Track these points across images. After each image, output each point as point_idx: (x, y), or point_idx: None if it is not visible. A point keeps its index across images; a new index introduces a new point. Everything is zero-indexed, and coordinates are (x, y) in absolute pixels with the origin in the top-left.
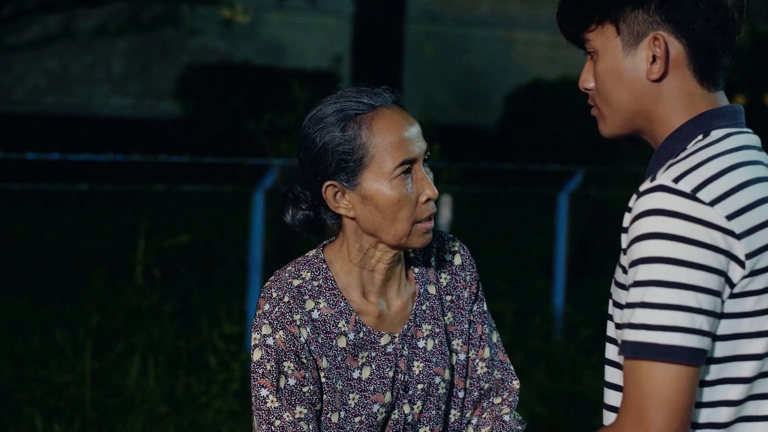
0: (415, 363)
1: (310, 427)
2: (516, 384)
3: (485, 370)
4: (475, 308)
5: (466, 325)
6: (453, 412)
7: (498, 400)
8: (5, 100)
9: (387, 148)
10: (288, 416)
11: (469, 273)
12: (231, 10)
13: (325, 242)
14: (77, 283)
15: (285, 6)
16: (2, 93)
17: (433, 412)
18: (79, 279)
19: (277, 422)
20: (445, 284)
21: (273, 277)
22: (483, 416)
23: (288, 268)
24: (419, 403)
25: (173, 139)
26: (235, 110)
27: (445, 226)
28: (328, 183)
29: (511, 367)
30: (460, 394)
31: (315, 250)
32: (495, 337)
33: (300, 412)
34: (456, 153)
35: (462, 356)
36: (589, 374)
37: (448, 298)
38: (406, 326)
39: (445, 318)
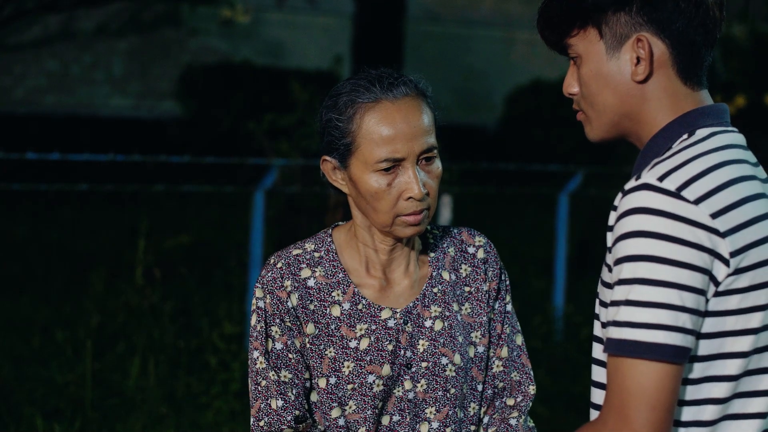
0: (420, 341)
1: (294, 392)
2: (532, 390)
3: (501, 369)
4: (496, 306)
5: (485, 318)
6: (473, 405)
7: (511, 402)
8: (5, 100)
9: (373, 140)
10: (273, 376)
11: (492, 269)
12: (231, 10)
13: (338, 223)
14: (77, 283)
15: (285, 6)
16: (2, 93)
17: (440, 393)
18: (80, 279)
19: (264, 383)
20: (464, 275)
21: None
22: (493, 416)
23: (296, 242)
24: (423, 381)
25: (173, 139)
26: (235, 110)
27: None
28: (325, 158)
29: (531, 372)
30: (479, 388)
31: (327, 228)
32: (519, 339)
33: (285, 376)
34: (456, 153)
35: (481, 349)
36: (589, 374)
37: (467, 288)
38: (411, 304)
39: (463, 308)
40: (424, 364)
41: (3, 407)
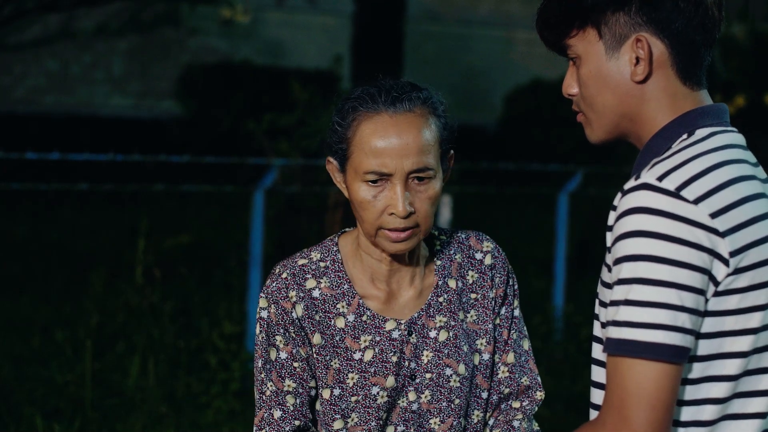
0: (425, 352)
1: (298, 401)
2: (539, 395)
3: (507, 374)
4: (503, 312)
5: (491, 326)
6: (476, 412)
7: (516, 405)
8: (5, 100)
9: (363, 151)
10: (273, 387)
11: (499, 275)
12: (231, 9)
13: (346, 229)
14: (77, 283)
15: (285, 6)
16: (2, 93)
17: (444, 404)
18: (79, 279)
19: (267, 392)
20: (471, 282)
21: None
22: (498, 418)
23: (302, 250)
24: (427, 392)
25: (173, 139)
26: (235, 110)
27: (445, 226)
28: (329, 159)
29: (539, 378)
30: (484, 395)
31: (334, 235)
32: (527, 344)
33: (288, 386)
34: (456, 153)
35: (486, 356)
36: (589, 374)
37: (473, 296)
38: (416, 314)
39: (469, 315)
40: (428, 375)
41: (3, 407)
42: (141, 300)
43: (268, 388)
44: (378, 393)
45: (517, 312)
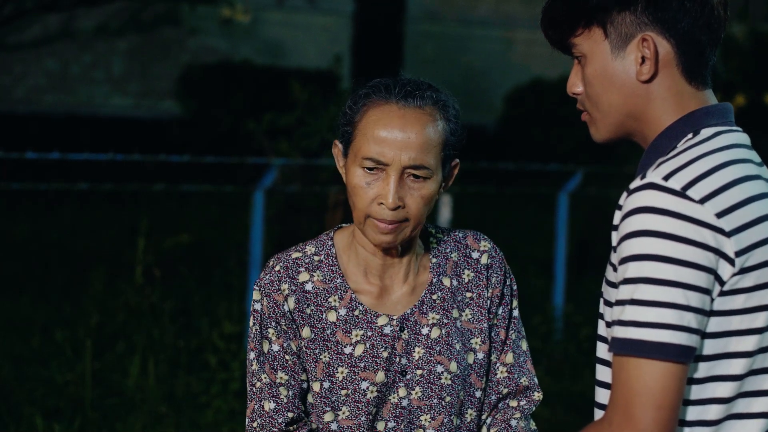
0: (416, 348)
1: (290, 393)
2: (537, 396)
3: (505, 375)
4: (500, 312)
5: (485, 325)
6: (470, 411)
7: (514, 404)
8: (5, 99)
9: (365, 136)
10: (266, 378)
11: (496, 275)
12: (231, 9)
13: (342, 225)
14: (77, 283)
15: (285, 5)
16: (2, 93)
17: (435, 401)
18: (79, 279)
19: (258, 384)
20: (467, 280)
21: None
22: (496, 417)
23: (298, 244)
24: (417, 389)
25: (173, 139)
26: (235, 110)
27: (445, 225)
28: (336, 142)
29: (536, 379)
30: (477, 394)
31: (330, 229)
32: (525, 345)
33: (281, 378)
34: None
35: (480, 355)
36: (589, 374)
37: (469, 294)
38: (409, 311)
39: (464, 314)
40: (419, 372)
41: (3, 407)
42: (141, 300)
43: (260, 380)
44: (367, 388)
45: (516, 312)
